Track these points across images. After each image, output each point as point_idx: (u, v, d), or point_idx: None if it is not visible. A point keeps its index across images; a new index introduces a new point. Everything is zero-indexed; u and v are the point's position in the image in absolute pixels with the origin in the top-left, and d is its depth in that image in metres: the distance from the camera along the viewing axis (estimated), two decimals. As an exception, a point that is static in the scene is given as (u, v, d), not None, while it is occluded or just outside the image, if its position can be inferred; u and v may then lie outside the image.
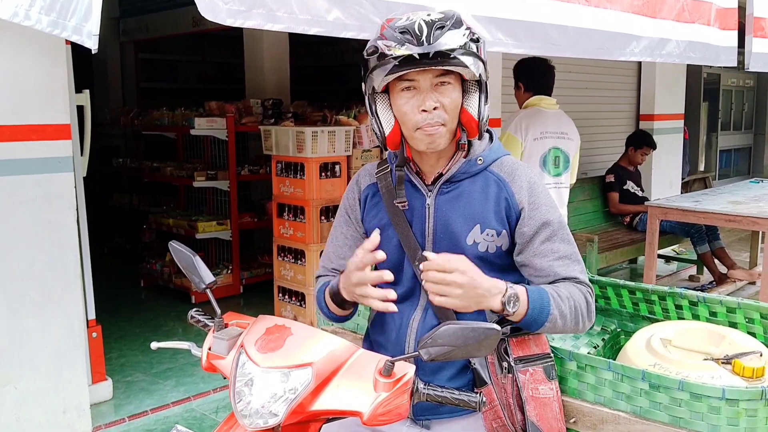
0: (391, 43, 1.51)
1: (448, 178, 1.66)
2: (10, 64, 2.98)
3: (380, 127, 1.62)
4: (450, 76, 1.55)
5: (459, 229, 1.64)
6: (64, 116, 3.20)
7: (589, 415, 1.73)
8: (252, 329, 1.47)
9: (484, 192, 1.65)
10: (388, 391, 1.35)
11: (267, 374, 1.36)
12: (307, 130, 4.62)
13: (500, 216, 1.63)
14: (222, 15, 2.04)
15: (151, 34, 7.76)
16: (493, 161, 1.68)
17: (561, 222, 1.65)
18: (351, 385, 1.38)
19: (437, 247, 1.66)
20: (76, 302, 3.33)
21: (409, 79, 1.55)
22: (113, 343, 4.62)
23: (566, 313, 1.56)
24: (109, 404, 3.81)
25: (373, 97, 1.61)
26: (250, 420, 1.35)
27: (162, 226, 6.18)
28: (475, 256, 1.62)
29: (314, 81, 8.48)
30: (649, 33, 3.35)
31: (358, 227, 1.81)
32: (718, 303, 2.02)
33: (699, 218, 4.78)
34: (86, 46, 2.01)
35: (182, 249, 1.64)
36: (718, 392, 1.54)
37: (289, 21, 2.20)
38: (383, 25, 1.59)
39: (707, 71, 10.49)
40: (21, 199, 3.07)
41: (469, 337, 1.33)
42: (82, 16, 1.98)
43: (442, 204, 1.66)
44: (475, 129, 1.60)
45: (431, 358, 1.34)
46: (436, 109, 1.55)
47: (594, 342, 2.19)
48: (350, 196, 1.82)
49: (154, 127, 6.46)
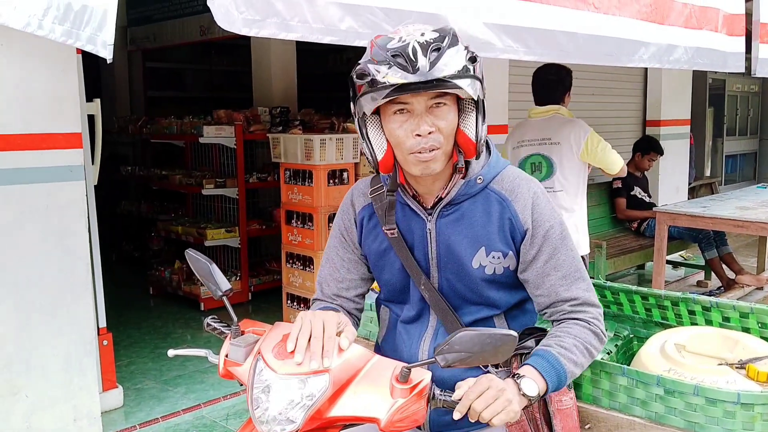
0: (382, 68, 1.42)
1: (448, 201, 1.60)
2: (21, 73, 3.00)
3: (372, 151, 1.54)
4: (445, 97, 1.48)
5: (463, 252, 1.59)
6: (75, 125, 3.22)
7: (605, 421, 1.73)
8: (269, 336, 1.47)
9: (486, 213, 1.59)
10: (405, 398, 1.35)
11: (284, 381, 1.36)
12: (316, 138, 4.64)
13: (505, 237, 1.58)
14: (237, 24, 2.05)
15: (158, 42, 7.79)
16: (493, 178, 1.61)
17: (563, 235, 1.59)
18: (368, 392, 1.38)
19: (443, 271, 1.62)
20: (87, 310, 3.35)
21: (401, 101, 1.46)
22: (123, 350, 4.63)
23: (580, 361, 1.52)
24: (119, 412, 3.82)
25: (363, 119, 1.53)
26: (268, 426, 1.35)
27: (170, 233, 6.20)
28: (482, 280, 1.60)
29: (321, 88, 8.49)
30: (657, 39, 3.36)
31: (355, 249, 1.74)
32: (731, 308, 2.03)
33: (707, 224, 4.77)
34: (101, 56, 2.02)
35: (199, 257, 1.63)
36: (733, 397, 1.54)
37: (303, 30, 2.21)
38: (372, 43, 1.50)
39: (712, 77, 10.49)
40: (32, 208, 3.09)
41: (486, 344, 1.33)
42: (97, 26, 1.98)
43: (444, 228, 1.61)
44: (473, 150, 1.53)
45: (448, 365, 1.34)
46: (432, 134, 1.47)
47: (607, 348, 2.19)
48: (345, 218, 1.75)
49: (163, 135, 6.49)
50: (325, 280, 1.77)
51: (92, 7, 2.01)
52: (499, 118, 5.52)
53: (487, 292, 1.61)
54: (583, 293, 1.59)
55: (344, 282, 1.75)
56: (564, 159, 3.76)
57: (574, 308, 1.58)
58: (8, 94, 2.98)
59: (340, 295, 1.75)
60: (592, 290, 1.62)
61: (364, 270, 1.76)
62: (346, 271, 1.74)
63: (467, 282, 1.61)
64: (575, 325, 1.56)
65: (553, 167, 3.78)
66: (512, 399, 1.36)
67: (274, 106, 6.02)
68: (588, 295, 1.60)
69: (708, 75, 10.12)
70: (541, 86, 3.90)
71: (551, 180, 3.78)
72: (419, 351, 1.66)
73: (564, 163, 3.76)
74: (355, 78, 1.48)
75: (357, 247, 1.74)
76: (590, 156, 3.75)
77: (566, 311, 1.58)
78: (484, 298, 1.62)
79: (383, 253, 1.68)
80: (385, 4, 2.35)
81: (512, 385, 1.39)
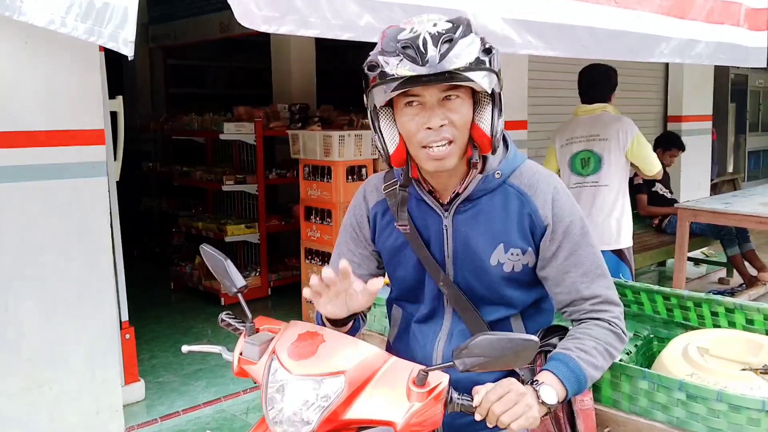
0: (392, 59, 1.38)
1: (465, 197, 1.56)
2: (45, 71, 3.04)
3: (383, 144, 1.50)
4: (459, 90, 1.43)
5: (481, 249, 1.55)
6: (97, 122, 3.25)
7: (624, 425, 1.71)
8: (284, 335, 1.46)
9: (505, 209, 1.55)
10: (422, 401, 1.33)
11: (299, 381, 1.35)
12: (335, 134, 4.65)
13: (524, 233, 1.55)
14: (257, 21, 2.05)
15: (179, 40, 7.84)
16: (512, 172, 1.57)
17: (584, 231, 1.56)
18: (384, 394, 1.36)
19: (459, 268, 1.59)
20: (110, 304, 3.39)
21: (413, 94, 1.43)
22: (144, 344, 4.68)
23: (600, 364, 1.49)
24: (141, 405, 3.86)
25: (375, 112, 1.49)
26: (282, 427, 1.35)
27: (191, 229, 6.25)
28: (501, 278, 1.57)
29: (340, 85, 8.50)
30: (678, 34, 3.32)
31: (367, 245, 1.72)
32: (755, 310, 1.99)
33: (730, 220, 4.71)
34: (123, 53, 2.03)
35: (214, 253, 1.61)
36: (758, 404, 1.51)
37: (322, 27, 2.21)
38: (383, 33, 1.46)
39: (734, 72, 10.35)
40: (56, 204, 3.13)
41: (506, 348, 1.30)
42: (118, 23, 2.00)
43: (461, 224, 1.57)
44: (488, 145, 1.47)
45: (466, 369, 1.31)
46: (443, 126, 1.43)
47: (626, 348, 2.16)
48: (357, 213, 1.72)
49: (184, 132, 6.54)
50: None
51: (113, 4, 2.03)
52: (519, 114, 5.49)
53: (504, 290, 1.58)
54: (605, 291, 1.56)
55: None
56: (611, 155, 3.89)
57: (594, 307, 1.55)
58: (33, 92, 3.02)
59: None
60: (613, 288, 1.59)
61: (374, 266, 1.74)
62: (356, 267, 1.69)
63: (485, 280, 1.57)
64: (596, 327, 1.53)
65: (601, 162, 3.93)
66: (532, 405, 1.34)
67: (293, 102, 6.03)
68: (609, 293, 1.56)
69: (730, 70, 9.99)
70: (589, 85, 4.02)
71: (598, 175, 3.95)
72: (434, 352, 1.64)
73: (611, 159, 3.89)
74: (366, 70, 1.43)
75: (369, 243, 1.71)
76: (634, 154, 3.88)
77: (587, 310, 1.55)
78: (500, 297, 1.59)
79: (398, 249, 1.65)
80: (403, 0, 2.34)
81: (531, 392, 1.38)
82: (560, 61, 5.67)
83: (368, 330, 2.35)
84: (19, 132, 2.99)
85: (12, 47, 2.93)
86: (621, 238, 3.94)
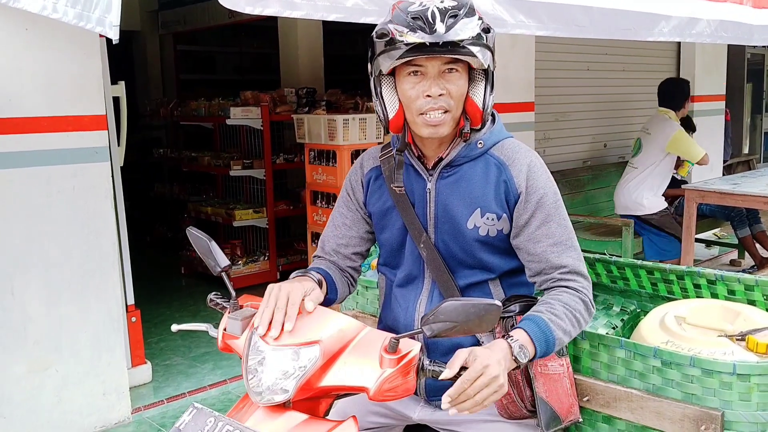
0: (402, 28, 1.49)
1: (448, 162, 1.67)
2: (45, 56, 3.08)
3: (384, 109, 1.62)
4: (458, 64, 1.55)
5: (459, 213, 1.65)
6: (99, 107, 3.30)
7: (602, 393, 1.73)
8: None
9: (485, 176, 1.65)
10: (393, 368, 1.37)
11: (277, 352, 1.40)
12: (339, 118, 4.67)
13: (500, 200, 1.64)
14: (241, 3, 2.08)
15: (188, 26, 7.88)
16: (494, 144, 1.68)
17: (557, 205, 1.64)
18: (357, 362, 1.41)
19: (439, 231, 1.68)
20: (114, 288, 3.44)
21: (416, 64, 1.54)
22: (153, 328, 4.76)
23: (568, 329, 1.54)
24: (148, 387, 3.93)
25: (378, 79, 1.60)
26: (261, 396, 1.40)
27: (201, 214, 6.31)
28: (475, 240, 1.64)
29: (348, 69, 8.51)
30: (678, 12, 3.29)
31: (359, 208, 1.82)
32: (736, 281, 2.00)
33: (737, 201, 4.68)
34: (108, 36, 2.08)
35: (198, 234, 1.67)
36: (729, 367, 1.53)
37: (308, 8, 2.23)
38: (394, 6, 1.58)
39: (751, 51, 10.21)
40: (58, 188, 3.18)
41: (471, 313, 1.35)
42: (105, 8, 2.04)
43: (443, 188, 1.67)
44: (479, 119, 1.60)
45: (434, 334, 1.37)
46: (442, 96, 1.55)
47: (613, 323, 2.19)
48: (353, 178, 1.83)
49: (192, 118, 6.59)
50: (327, 237, 1.86)
51: (100, -10, 2.06)
52: (526, 96, 5.47)
53: (480, 254, 1.66)
54: (573, 262, 1.62)
55: (344, 238, 1.82)
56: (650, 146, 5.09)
57: (563, 276, 1.61)
58: (34, 78, 3.07)
59: (338, 251, 1.83)
60: (582, 261, 1.65)
61: (365, 229, 1.84)
62: (346, 228, 1.82)
63: (462, 243, 1.66)
64: (565, 293, 1.59)
65: (640, 150, 5.18)
66: (503, 381, 1.38)
67: (300, 87, 6.05)
68: (577, 264, 1.63)
69: (746, 50, 9.85)
70: (660, 94, 5.27)
71: (635, 159, 5.22)
72: (416, 315, 1.71)
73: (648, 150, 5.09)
74: (375, 38, 1.55)
75: (361, 206, 1.82)
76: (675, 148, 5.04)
77: (555, 279, 1.61)
78: (477, 260, 1.67)
79: (386, 212, 1.75)
80: (389, -19, 2.34)
81: (505, 348, 1.42)
82: (568, 42, 5.65)
83: (362, 312, 2.39)
84: (21, 118, 3.04)
85: (12, 34, 2.97)
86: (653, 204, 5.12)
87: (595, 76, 6.59)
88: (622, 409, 1.70)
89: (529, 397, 1.64)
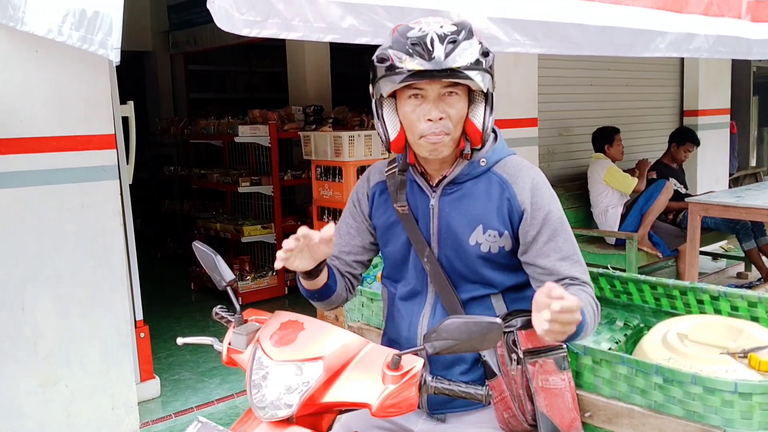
0: (401, 54, 1.52)
1: (451, 180, 1.70)
2: (55, 76, 3.14)
3: (385, 131, 1.66)
4: (458, 87, 1.58)
5: (461, 230, 1.68)
6: (108, 126, 3.35)
7: (604, 410, 1.74)
8: (268, 324, 1.54)
9: (487, 193, 1.68)
10: (396, 384, 1.39)
11: (281, 367, 1.43)
12: (344, 135, 4.71)
13: (503, 217, 1.66)
14: (238, 25, 2.11)
15: (199, 46, 7.95)
16: (497, 162, 1.70)
17: (562, 221, 1.67)
18: (360, 378, 1.43)
19: (442, 246, 1.71)
20: (123, 304, 3.47)
21: (417, 87, 1.57)
22: (162, 343, 4.78)
23: (590, 321, 1.55)
24: (156, 401, 3.95)
25: (380, 101, 1.64)
26: (265, 411, 1.42)
27: (210, 230, 6.35)
28: (477, 256, 1.67)
29: (355, 86, 8.57)
30: (674, 28, 3.31)
31: (364, 220, 1.86)
32: (739, 297, 2.01)
33: (741, 214, 4.67)
34: (110, 58, 2.12)
35: (204, 249, 1.71)
36: (731, 386, 1.54)
37: (305, 29, 2.26)
38: (394, 30, 1.60)
39: (756, 65, 10.20)
40: (69, 206, 3.23)
41: (473, 331, 1.36)
42: (107, 31, 2.08)
43: (446, 205, 1.70)
44: (479, 139, 1.64)
45: (436, 352, 1.38)
46: (442, 119, 1.58)
47: (616, 338, 2.20)
48: (360, 191, 1.87)
49: (201, 136, 6.66)
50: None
51: (102, 12, 2.12)
52: (529, 111, 5.51)
53: (483, 270, 1.69)
54: (582, 275, 1.65)
55: (347, 246, 1.86)
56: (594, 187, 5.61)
57: (573, 282, 1.63)
58: (45, 99, 3.12)
59: (339, 257, 1.86)
60: (588, 276, 1.68)
61: (369, 240, 1.87)
62: (350, 237, 1.86)
63: (464, 258, 1.69)
64: (581, 291, 1.60)
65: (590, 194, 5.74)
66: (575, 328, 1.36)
67: (308, 104, 6.11)
68: (586, 278, 1.66)
69: (752, 63, 9.86)
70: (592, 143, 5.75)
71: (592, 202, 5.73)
72: (419, 329, 1.73)
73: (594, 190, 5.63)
74: (375, 62, 1.58)
75: (366, 218, 1.85)
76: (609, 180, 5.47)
77: (567, 283, 1.63)
78: (480, 276, 1.69)
79: (391, 226, 1.79)
80: (385, 2, 2.38)
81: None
82: (570, 58, 5.68)
83: (367, 324, 2.41)
84: (32, 138, 3.10)
85: (23, 55, 3.04)
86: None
87: (598, 91, 6.61)
88: (624, 425, 1.71)
89: (531, 411, 1.65)
